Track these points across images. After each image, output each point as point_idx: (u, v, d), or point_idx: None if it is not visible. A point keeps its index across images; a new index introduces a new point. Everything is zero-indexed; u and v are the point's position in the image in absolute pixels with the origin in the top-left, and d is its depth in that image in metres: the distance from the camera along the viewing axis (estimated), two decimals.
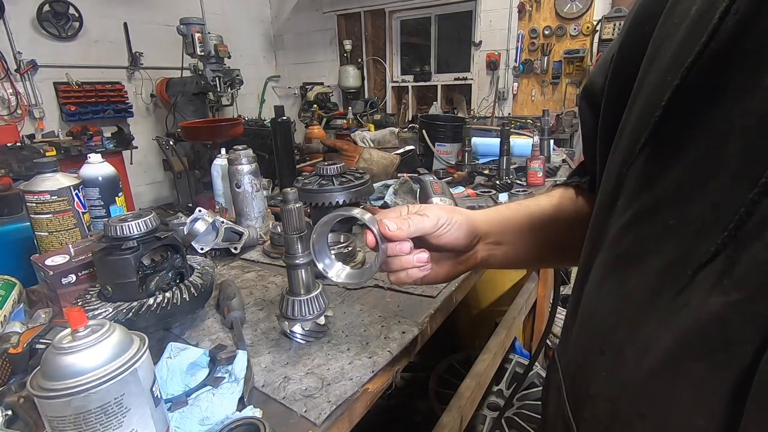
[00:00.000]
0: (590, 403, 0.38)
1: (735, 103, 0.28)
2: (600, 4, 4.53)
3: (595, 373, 0.37)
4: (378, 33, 6.14)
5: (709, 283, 0.27)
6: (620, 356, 0.34)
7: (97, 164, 1.13)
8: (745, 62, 0.27)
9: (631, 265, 0.35)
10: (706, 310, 0.27)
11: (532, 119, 4.67)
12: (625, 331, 0.34)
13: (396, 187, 1.49)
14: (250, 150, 1.24)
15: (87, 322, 0.43)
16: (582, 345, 0.41)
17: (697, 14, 0.31)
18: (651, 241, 0.33)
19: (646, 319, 0.32)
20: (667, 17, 0.35)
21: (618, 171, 0.38)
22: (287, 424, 0.57)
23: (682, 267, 0.29)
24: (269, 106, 6.59)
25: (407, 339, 0.74)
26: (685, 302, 0.29)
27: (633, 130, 0.36)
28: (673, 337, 0.29)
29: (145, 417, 0.45)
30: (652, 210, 0.33)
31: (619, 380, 0.34)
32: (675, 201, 0.31)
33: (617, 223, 0.37)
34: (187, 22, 4.38)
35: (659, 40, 0.36)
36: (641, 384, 0.32)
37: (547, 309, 2.28)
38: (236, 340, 0.74)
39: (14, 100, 4.16)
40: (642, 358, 0.32)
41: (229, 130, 3.75)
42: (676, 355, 0.29)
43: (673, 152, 0.32)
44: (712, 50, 0.29)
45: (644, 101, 0.35)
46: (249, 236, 1.15)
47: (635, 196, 0.35)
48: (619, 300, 0.36)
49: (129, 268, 0.70)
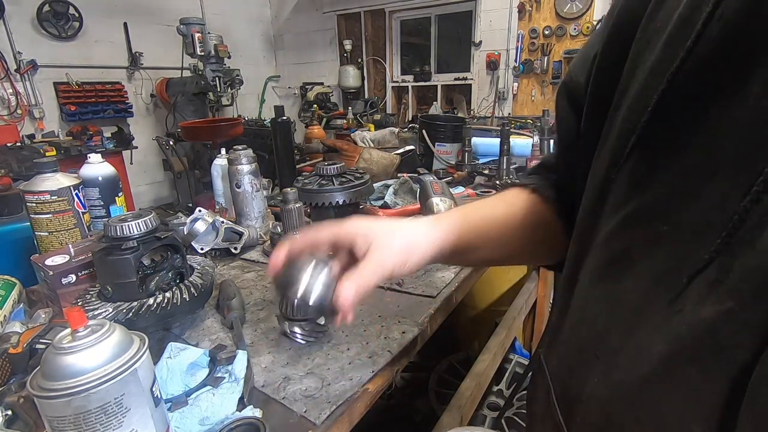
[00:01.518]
0: (582, 407, 0.38)
1: (724, 109, 0.28)
2: (600, 4, 4.53)
3: (587, 378, 0.37)
4: (378, 33, 6.14)
5: (703, 291, 0.27)
6: (613, 361, 0.34)
7: (97, 164, 1.13)
8: (732, 68, 0.27)
9: (623, 270, 0.35)
10: (699, 318, 0.27)
11: (532, 119, 4.66)
12: (618, 336, 0.34)
13: (396, 187, 1.49)
14: (250, 150, 1.24)
15: (87, 322, 0.43)
16: (573, 348, 0.41)
17: (680, 19, 0.31)
18: (643, 247, 0.33)
19: (639, 325, 0.32)
20: (648, 21, 0.35)
21: (605, 175, 0.38)
22: (287, 424, 0.57)
23: (676, 274, 0.29)
24: (269, 106, 6.59)
25: (407, 339, 0.74)
26: (679, 309, 0.29)
27: (619, 134, 0.36)
28: (666, 343, 0.29)
29: (145, 417, 0.45)
30: (642, 215, 0.33)
31: (612, 385, 0.34)
32: (666, 207, 0.31)
33: (606, 227, 0.37)
34: (187, 22, 4.38)
35: (642, 43, 0.35)
36: (635, 389, 0.32)
37: (547, 309, 2.28)
38: (236, 340, 0.74)
39: (14, 100, 4.16)
40: (635, 362, 0.32)
41: (229, 130, 3.74)
42: (669, 360, 0.29)
43: (662, 158, 0.32)
44: (697, 55, 0.29)
45: (630, 104, 0.35)
46: (249, 236, 1.15)
47: (624, 200, 0.35)
48: (611, 304, 0.36)
49: (129, 268, 0.70)
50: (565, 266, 0.46)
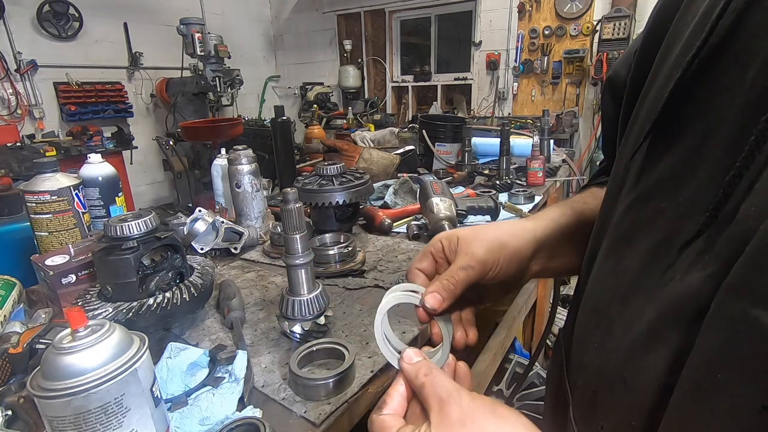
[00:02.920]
0: (583, 373, 0.41)
1: (725, 96, 0.30)
2: (600, 4, 4.53)
3: (588, 346, 0.40)
4: (378, 33, 6.14)
5: (692, 260, 0.30)
6: (609, 329, 0.37)
7: (97, 164, 1.13)
8: (736, 56, 0.29)
9: (626, 246, 0.37)
10: (685, 284, 0.29)
11: (532, 119, 4.67)
12: (616, 307, 0.37)
13: (396, 187, 1.49)
14: (250, 150, 1.24)
15: (87, 322, 0.43)
16: (581, 322, 0.44)
17: (703, 12, 0.33)
18: (644, 223, 0.36)
19: (635, 295, 0.35)
20: (682, 14, 0.38)
21: (626, 160, 0.40)
22: (287, 424, 0.57)
23: (669, 246, 0.32)
24: (269, 106, 6.58)
25: (407, 339, 0.74)
26: (670, 278, 0.31)
27: (642, 121, 0.39)
28: (655, 309, 0.32)
29: (145, 417, 0.45)
30: (648, 195, 0.36)
31: (606, 350, 0.37)
32: (668, 186, 0.34)
33: (620, 209, 0.40)
34: (187, 22, 4.38)
35: (673, 36, 0.38)
36: (624, 352, 0.34)
37: (547, 309, 2.28)
38: (236, 340, 0.74)
39: (14, 100, 4.16)
40: (627, 329, 0.34)
41: (229, 130, 3.74)
42: (655, 325, 0.31)
43: (670, 142, 0.34)
44: (711, 45, 0.31)
45: (653, 94, 0.38)
46: (249, 236, 1.15)
47: (635, 182, 0.38)
48: (614, 279, 0.38)
49: (129, 268, 0.70)
50: (587, 248, 0.48)
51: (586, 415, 0.40)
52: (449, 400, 0.36)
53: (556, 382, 0.49)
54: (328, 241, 1.05)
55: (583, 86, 4.79)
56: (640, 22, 4.22)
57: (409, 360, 0.42)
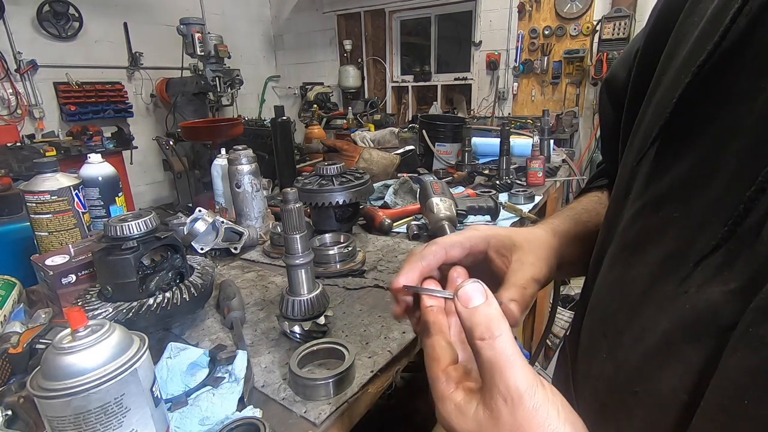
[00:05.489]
0: (591, 382, 0.40)
1: (740, 103, 0.29)
2: (600, 4, 4.53)
3: (596, 356, 0.39)
4: (378, 33, 6.14)
5: (709, 275, 0.29)
6: (619, 340, 0.35)
7: (97, 164, 1.13)
8: (751, 63, 0.28)
9: (635, 254, 0.36)
10: (703, 298, 0.28)
11: (532, 119, 4.67)
12: (625, 317, 0.36)
13: (396, 187, 1.49)
14: (250, 150, 1.24)
15: (87, 322, 0.43)
16: (588, 330, 0.43)
17: (713, 14, 0.32)
18: (654, 232, 0.34)
19: (645, 306, 0.33)
20: (687, 15, 0.37)
21: (632, 164, 0.39)
22: (287, 425, 0.57)
23: (684, 258, 0.30)
24: (269, 106, 6.58)
25: (407, 339, 0.74)
26: (685, 291, 0.30)
27: (647, 125, 0.38)
28: (669, 321, 0.30)
29: (145, 417, 0.45)
30: (657, 202, 0.35)
31: (616, 361, 0.36)
32: (679, 195, 0.33)
33: (627, 215, 0.39)
34: (187, 22, 4.38)
35: (678, 37, 0.37)
36: (636, 364, 0.33)
37: (547, 309, 2.28)
38: (236, 340, 0.74)
39: (14, 100, 4.16)
40: (639, 340, 0.33)
41: (229, 130, 3.75)
42: (670, 338, 0.30)
43: (680, 148, 0.33)
44: (723, 50, 0.30)
45: (660, 98, 0.37)
46: (249, 236, 1.15)
47: (644, 188, 0.37)
48: (622, 287, 0.37)
49: (129, 268, 0.70)
50: (593, 254, 0.47)
51: (594, 427, 0.38)
52: (522, 394, 0.29)
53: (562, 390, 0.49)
54: (328, 241, 1.05)
55: (583, 86, 4.79)
56: (640, 22, 4.22)
57: (467, 301, 0.32)
